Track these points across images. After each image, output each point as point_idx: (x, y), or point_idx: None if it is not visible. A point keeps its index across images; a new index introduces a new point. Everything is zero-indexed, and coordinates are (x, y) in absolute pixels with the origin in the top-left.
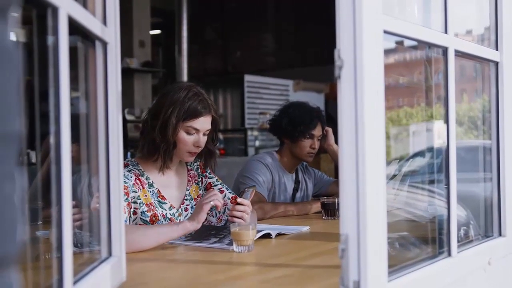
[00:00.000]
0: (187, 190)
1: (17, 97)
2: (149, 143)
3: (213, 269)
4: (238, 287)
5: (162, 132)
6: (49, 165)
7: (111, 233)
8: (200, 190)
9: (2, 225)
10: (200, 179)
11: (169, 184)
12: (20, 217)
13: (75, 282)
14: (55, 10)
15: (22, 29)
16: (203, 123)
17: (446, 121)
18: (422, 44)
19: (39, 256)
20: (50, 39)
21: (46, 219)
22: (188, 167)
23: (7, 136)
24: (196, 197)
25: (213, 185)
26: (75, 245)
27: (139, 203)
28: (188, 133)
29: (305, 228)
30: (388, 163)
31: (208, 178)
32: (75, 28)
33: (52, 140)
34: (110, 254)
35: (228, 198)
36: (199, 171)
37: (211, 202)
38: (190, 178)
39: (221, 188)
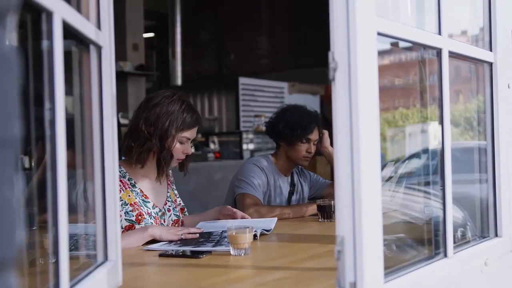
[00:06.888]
0: (168, 192)
1: (16, 101)
2: (145, 151)
3: (210, 272)
4: None
5: (161, 142)
6: (44, 170)
7: (107, 237)
8: (175, 195)
9: (1, 228)
10: (173, 186)
11: (151, 187)
12: (19, 221)
13: (71, 287)
14: (49, 14)
15: (15, 33)
16: (194, 133)
17: (441, 122)
18: (416, 46)
19: (34, 261)
20: (44, 43)
21: (42, 224)
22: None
23: (6, 140)
24: (173, 200)
25: (176, 196)
26: (70, 249)
27: (122, 204)
28: (181, 142)
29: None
30: (384, 164)
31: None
32: (68, 32)
33: (47, 145)
34: (106, 258)
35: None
36: (172, 178)
37: (181, 236)
38: (169, 182)
39: (180, 202)
